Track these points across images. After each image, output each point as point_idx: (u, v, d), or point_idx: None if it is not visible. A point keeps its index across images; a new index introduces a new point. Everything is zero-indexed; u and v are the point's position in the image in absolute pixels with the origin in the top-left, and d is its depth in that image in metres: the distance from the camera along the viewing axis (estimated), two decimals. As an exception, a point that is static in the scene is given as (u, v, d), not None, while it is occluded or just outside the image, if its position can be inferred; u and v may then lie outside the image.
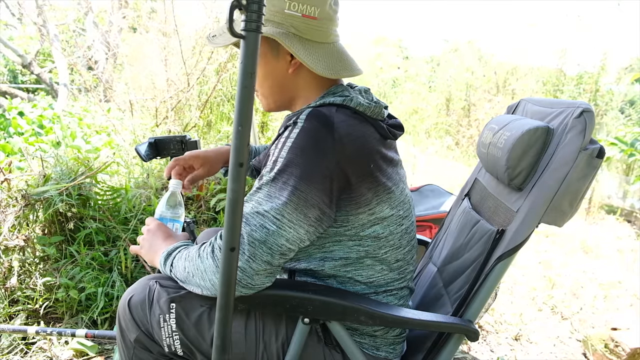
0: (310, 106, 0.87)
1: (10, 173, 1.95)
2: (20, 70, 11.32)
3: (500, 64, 8.22)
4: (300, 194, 0.77)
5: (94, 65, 5.47)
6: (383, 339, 0.94)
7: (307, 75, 0.92)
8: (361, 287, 0.91)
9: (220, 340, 0.72)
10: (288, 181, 0.77)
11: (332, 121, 0.81)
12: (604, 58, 5.92)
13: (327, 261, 0.88)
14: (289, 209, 0.77)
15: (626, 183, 4.45)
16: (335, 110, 0.84)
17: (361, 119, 0.87)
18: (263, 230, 0.76)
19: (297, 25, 0.86)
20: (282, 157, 0.79)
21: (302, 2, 0.85)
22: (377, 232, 0.88)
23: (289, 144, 0.80)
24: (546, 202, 0.86)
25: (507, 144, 0.94)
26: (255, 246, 0.75)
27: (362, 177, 0.83)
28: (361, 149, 0.84)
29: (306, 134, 0.80)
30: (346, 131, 0.82)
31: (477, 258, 0.97)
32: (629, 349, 1.73)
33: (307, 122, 0.81)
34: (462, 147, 7.57)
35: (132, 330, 0.89)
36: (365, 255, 0.89)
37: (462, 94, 8.23)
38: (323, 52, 0.89)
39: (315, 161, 0.79)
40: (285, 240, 0.77)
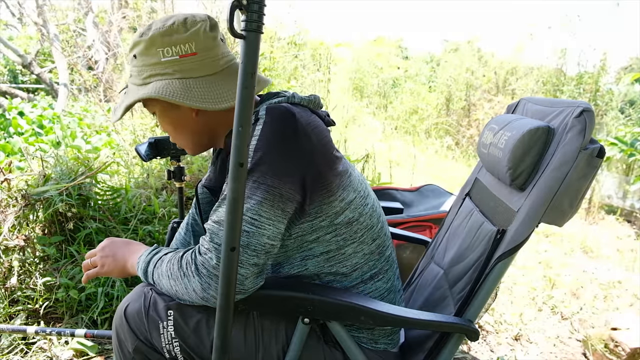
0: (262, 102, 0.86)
1: (10, 173, 1.95)
2: (20, 70, 11.32)
3: (500, 64, 8.22)
4: (274, 190, 0.76)
5: (94, 65, 5.46)
6: (381, 330, 0.94)
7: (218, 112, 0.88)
8: (348, 281, 0.90)
9: (220, 341, 0.72)
10: (260, 179, 0.76)
11: (293, 112, 0.81)
12: (604, 58, 5.92)
13: (309, 259, 0.88)
14: (265, 207, 0.76)
15: (626, 183, 4.45)
16: (289, 104, 0.84)
17: (308, 110, 0.88)
18: (243, 234, 0.75)
19: (180, 69, 0.84)
20: (249, 157, 0.77)
21: (174, 45, 0.83)
22: (348, 217, 0.87)
23: (255, 142, 0.78)
24: (546, 201, 0.86)
25: (508, 144, 0.94)
26: (240, 252, 0.74)
27: (329, 164, 0.84)
28: (322, 137, 0.85)
29: (270, 128, 0.79)
30: (307, 121, 0.82)
31: (479, 258, 0.96)
32: (629, 349, 1.73)
33: (269, 116, 0.80)
34: (462, 147, 7.56)
35: (130, 341, 0.88)
36: (344, 243, 0.88)
37: (462, 94, 8.22)
38: (218, 82, 0.86)
39: (285, 155, 0.78)
40: (267, 238, 0.77)
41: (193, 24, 0.84)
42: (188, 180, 2.68)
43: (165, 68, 0.84)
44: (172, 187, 2.59)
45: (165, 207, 2.33)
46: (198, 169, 2.74)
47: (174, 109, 0.89)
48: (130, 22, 5.50)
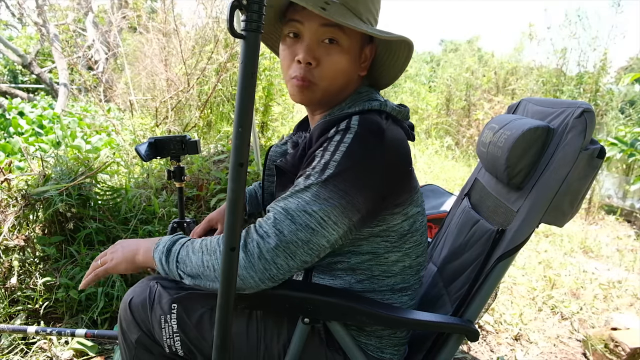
0: (357, 112, 0.86)
1: (10, 173, 1.95)
2: (20, 70, 11.33)
3: (500, 64, 8.22)
4: (350, 199, 0.77)
5: (94, 65, 5.47)
6: (389, 339, 0.94)
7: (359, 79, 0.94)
8: (379, 285, 0.91)
9: (220, 340, 0.72)
10: (339, 185, 0.77)
11: (383, 128, 0.82)
12: (603, 58, 5.92)
13: (354, 255, 0.88)
14: (337, 211, 0.77)
15: (626, 183, 4.45)
16: (383, 116, 0.86)
17: (395, 123, 0.89)
18: (308, 230, 0.75)
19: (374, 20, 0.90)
20: (334, 161, 0.78)
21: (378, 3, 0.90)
22: (404, 229, 0.89)
23: (343, 149, 0.79)
24: (546, 202, 0.86)
25: (508, 142, 0.94)
26: (298, 245, 0.75)
27: (403, 181, 0.86)
28: (403, 154, 0.86)
29: (360, 140, 0.80)
30: (392, 137, 0.83)
31: (477, 258, 0.97)
32: (629, 349, 1.73)
33: (361, 128, 0.81)
34: (462, 147, 7.57)
35: (134, 331, 0.89)
36: (391, 249, 0.89)
37: (462, 94, 8.23)
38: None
39: (367, 169, 0.80)
40: (326, 241, 0.77)
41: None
42: (188, 180, 2.68)
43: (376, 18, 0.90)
44: (172, 187, 2.60)
45: (165, 207, 2.33)
46: (198, 169, 2.75)
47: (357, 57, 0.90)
48: (130, 22, 5.50)
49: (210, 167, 2.83)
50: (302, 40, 0.87)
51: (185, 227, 1.63)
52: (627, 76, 2.68)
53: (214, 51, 4.04)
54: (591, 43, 6.13)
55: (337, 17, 0.80)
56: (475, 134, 7.54)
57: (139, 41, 5.09)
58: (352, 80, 0.92)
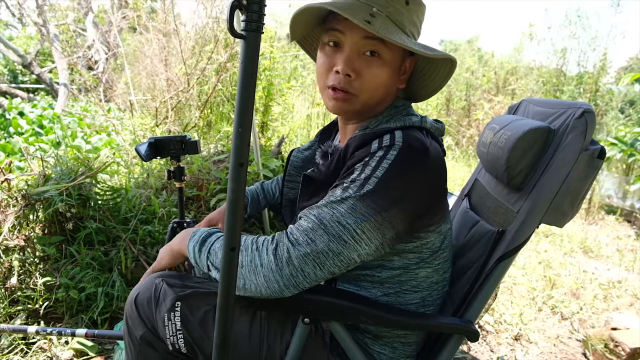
0: (396, 128, 0.85)
1: (10, 173, 1.95)
2: (20, 70, 11.33)
3: (500, 64, 8.22)
4: (386, 216, 0.76)
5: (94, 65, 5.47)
6: (402, 350, 0.94)
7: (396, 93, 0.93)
8: (405, 299, 0.90)
9: (220, 340, 0.72)
10: (378, 201, 0.76)
11: (427, 146, 0.81)
12: (603, 58, 5.92)
13: (385, 269, 0.87)
14: (371, 227, 0.76)
15: (626, 183, 4.45)
16: (424, 133, 0.86)
17: (434, 139, 0.88)
18: (340, 241, 0.75)
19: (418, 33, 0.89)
20: (375, 177, 0.77)
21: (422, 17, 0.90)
22: (436, 245, 0.88)
23: (385, 166, 0.78)
24: (547, 202, 0.86)
25: (508, 143, 0.94)
26: (328, 257, 0.75)
27: (439, 200, 0.85)
28: (442, 172, 0.85)
29: (404, 157, 0.78)
30: (434, 155, 0.82)
31: (478, 259, 0.96)
32: (629, 349, 1.73)
33: (405, 145, 0.79)
34: (462, 147, 7.56)
35: (139, 328, 0.90)
36: (422, 265, 0.88)
37: (462, 94, 8.22)
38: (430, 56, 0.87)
39: (408, 187, 0.78)
40: (357, 255, 0.77)
41: None
42: (188, 180, 2.68)
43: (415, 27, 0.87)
44: (172, 187, 2.59)
45: (165, 207, 2.33)
46: (198, 169, 2.74)
47: (397, 71, 0.89)
48: (130, 22, 5.50)
49: (210, 167, 2.83)
50: (342, 51, 0.85)
51: (185, 227, 1.63)
52: (627, 76, 2.68)
53: (214, 51, 4.04)
54: (591, 43, 6.13)
55: (382, 32, 0.78)
56: (475, 134, 7.54)
57: (139, 41, 5.09)
58: (391, 92, 0.91)
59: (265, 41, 4.27)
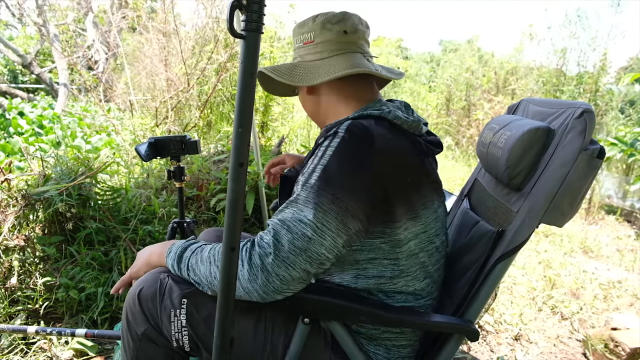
0: (349, 118, 0.88)
1: (10, 173, 1.95)
2: (20, 70, 11.33)
3: (500, 64, 8.22)
4: (341, 204, 0.77)
5: (94, 65, 5.47)
6: (397, 351, 0.93)
7: (326, 92, 0.98)
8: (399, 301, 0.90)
9: (220, 340, 0.72)
10: (329, 190, 0.77)
11: (371, 133, 0.82)
12: (603, 58, 5.92)
13: (361, 279, 0.87)
14: (330, 217, 0.76)
15: (626, 183, 4.45)
16: (374, 123, 0.85)
17: (398, 133, 0.87)
18: (304, 238, 0.75)
19: (302, 53, 0.99)
20: (321, 165, 0.79)
21: (300, 35, 0.99)
22: (411, 249, 0.87)
23: (330, 153, 0.80)
24: (546, 202, 0.86)
25: (508, 143, 0.94)
26: (296, 254, 0.75)
27: (398, 191, 0.83)
28: (397, 163, 0.84)
29: (346, 144, 0.80)
30: (384, 145, 0.82)
31: (478, 259, 0.96)
32: (629, 349, 1.73)
33: (347, 133, 0.81)
34: (462, 147, 7.57)
35: (141, 323, 0.89)
36: (399, 274, 0.87)
37: (462, 94, 8.22)
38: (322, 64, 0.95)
39: (355, 172, 0.79)
40: (325, 249, 0.77)
41: (317, 20, 0.96)
42: (188, 180, 2.68)
43: (296, 55, 1.01)
44: (172, 187, 2.60)
45: (165, 207, 2.33)
46: (198, 169, 2.75)
47: (301, 89, 1.02)
48: (130, 22, 5.50)
49: (210, 167, 2.83)
50: None
51: (185, 227, 1.63)
52: (627, 76, 2.68)
53: (214, 51, 4.04)
54: (591, 43, 6.13)
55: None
56: (475, 134, 7.54)
57: (139, 41, 5.09)
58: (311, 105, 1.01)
59: (265, 41, 4.28)
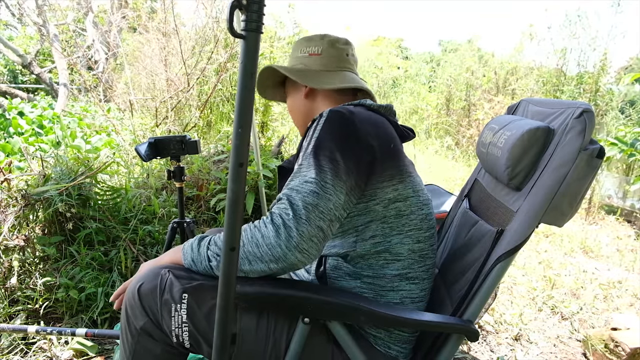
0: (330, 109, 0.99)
1: (10, 173, 1.95)
2: (20, 70, 11.33)
3: (500, 64, 8.21)
4: (337, 164, 0.85)
5: (94, 65, 5.47)
6: (398, 334, 0.95)
7: (322, 99, 1.13)
8: (390, 269, 0.94)
9: (220, 340, 0.73)
10: (325, 153, 0.86)
11: (352, 110, 0.94)
12: (603, 58, 5.92)
13: (359, 243, 0.94)
14: (330, 175, 0.84)
15: (626, 183, 4.44)
16: (353, 107, 0.98)
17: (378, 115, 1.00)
18: (313, 194, 0.81)
19: (305, 62, 1.14)
20: (314, 138, 0.89)
21: (307, 46, 1.15)
22: (399, 209, 0.94)
23: (319, 128, 0.91)
24: (546, 202, 0.86)
25: (508, 143, 0.94)
26: (309, 210, 0.80)
27: (386, 154, 0.93)
28: (380, 131, 0.95)
29: (332, 120, 0.92)
30: (366, 117, 0.95)
31: (478, 259, 0.96)
32: (629, 349, 1.73)
33: (330, 112, 0.93)
34: (462, 147, 7.57)
35: (140, 318, 0.89)
36: (389, 232, 0.94)
37: (462, 94, 8.22)
38: (330, 75, 1.11)
39: (345, 138, 0.89)
40: (332, 204, 0.83)
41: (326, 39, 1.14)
42: (188, 180, 2.68)
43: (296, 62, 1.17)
44: (172, 187, 2.60)
45: (165, 207, 2.33)
46: (198, 169, 2.75)
47: (296, 92, 1.16)
48: (130, 22, 5.50)
49: (210, 167, 2.83)
50: None
51: (185, 227, 1.63)
52: (627, 76, 2.68)
53: (214, 51, 4.04)
54: (591, 43, 6.13)
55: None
56: (475, 134, 7.54)
57: (139, 41, 5.09)
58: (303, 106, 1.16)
59: (265, 41, 4.28)
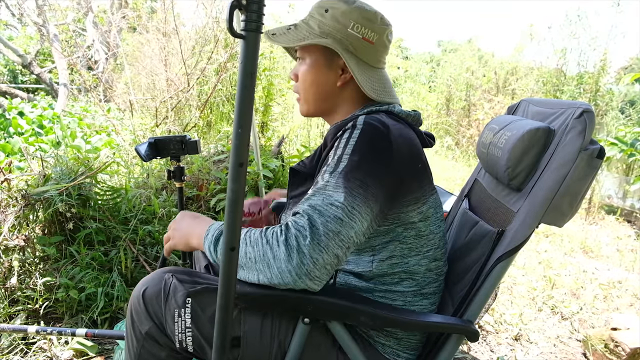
0: (360, 114, 0.93)
1: (10, 173, 1.95)
2: (20, 70, 11.33)
3: (500, 64, 8.22)
4: (368, 188, 0.81)
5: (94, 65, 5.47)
6: (407, 341, 0.94)
7: (352, 91, 1.00)
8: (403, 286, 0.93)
9: (220, 340, 0.72)
10: (356, 174, 0.81)
11: (387, 124, 0.88)
12: (604, 58, 5.92)
13: (375, 262, 0.91)
14: (359, 201, 0.79)
15: (626, 183, 4.44)
16: (385, 115, 0.92)
17: (405, 124, 0.94)
18: (337, 221, 0.77)
19: (355, 45, 0.95)
20: (347, 154, 0.83)
21: (365, 27, 0.95)
22: (419, 229, 0.91)
23: (352, 143, 0.84)
24: (546, 202, 0.86)
25: (508, 144, 0.94)
26: (329, 237, 0.76)
27: (413, 176, 0.89)
28: (411, 150, 0.90)
29: (366, 134, 0.85)
30: (398, 133, 0.88)
31: (478, 259, 0.96)
32: (629, 349, 1.73)
33: (365, 125, 0.86)
34: (462, 147, 7.57)
35: (145, 323, 0.89)
36: (408, 252, 0.92)
37: (462, 94, 8.23)
38: (372, 74, 0.98)
39: (377, 159, 0.84)
40: (354, 232, 0.79)
41: (384, 24, 0.98)
42: (188, 180, 2.68)
43: (345, 37, 0.95)
44: (172, 187, 2.60)
45: (165, 207, 2.33)
46: (198, 169, 2.74)
47: (325, 68, 0.99)
48: (130, 22, 5.50)
49: (210, 167, 2.83)
50: None
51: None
52: (627, 76, 2.68)
53: (214, 51, 4.04)
54: (591, 43, 6.13)
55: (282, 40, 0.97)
56: (475, 134, 7.54)
57: (139, 41, 5.09)
58: (330, 91, 1.01)
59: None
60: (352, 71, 0.94)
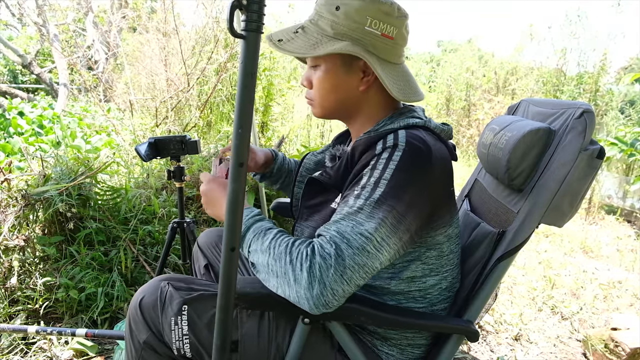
0: (399, 127, 0.87)
1: (10, 173, 1.95)
2: (20, 70, 11.33)
3: (500, 64, 8.22)
4: (402, 219, 0.76)
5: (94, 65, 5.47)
6: (411, 351, 0.94)
7: (376, 94, 0.92)
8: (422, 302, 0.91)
9: (220, 340, 0.73)
10: (392, 204, 0.76)
11: (428, 145, 0.82)
12: (604, 58, 5.92)
13: (394, 280, 0.88)
14: (389, 232, 0.75)
15: (626, 183, 4.44)
16: (424, 133, 0.85)
17: (439, 141, 0.88)
18: (364, 253, 0.73)
19: (375, 44, 0.86)
20: (385, 179, 0.77)
21: (383, 22, 0.85)
22: (442, 249, 0.88)
23: (392, 167, 0.78)
24: (546, 202, 0.86)
25: (509, 144, 0.94)
26: (354, 270, 0.72)
27: (446, 200, 0.86)
28: (446, 172, 0.85)
29: (408, 158, 0.79)
30: (438, 155, 0.82)
31: (480, 260, 0.96)
32: (629, 349, 1.73)
33: (408, 145, 0.80)
34: (462, 147, 7.57)
35: (143, 332, 0.89)
36: (429, 273, 0.89)
37: (462, 94, 8.23)
38: (395, 73, 0.89)
39: (417, 186, 0.78)
40: (380, 263, 0.76)
41: (402, 15, 0.88)
42: (188, 180, 2.68)
43: (363, 36, 0.85)
44: (172, 187, 2.59)
45: (165, 207, 2.33)
46: (198, 169, 2.74)
47: (344, 74, 0.89)
48: (130, 22, 5.50)
49: (210, 167, 2.83)
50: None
51: (185, 227, 1.63)
52: (627, 76, 2.68)
53: (214, 51, 4.04)
54: (591, 43, 6.13)
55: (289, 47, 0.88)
56: (475, 134, 7.54)
57: (139, 41, 5.09)
58: (352, 96, 0.92)
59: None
60: (377, 73, 0.85)
